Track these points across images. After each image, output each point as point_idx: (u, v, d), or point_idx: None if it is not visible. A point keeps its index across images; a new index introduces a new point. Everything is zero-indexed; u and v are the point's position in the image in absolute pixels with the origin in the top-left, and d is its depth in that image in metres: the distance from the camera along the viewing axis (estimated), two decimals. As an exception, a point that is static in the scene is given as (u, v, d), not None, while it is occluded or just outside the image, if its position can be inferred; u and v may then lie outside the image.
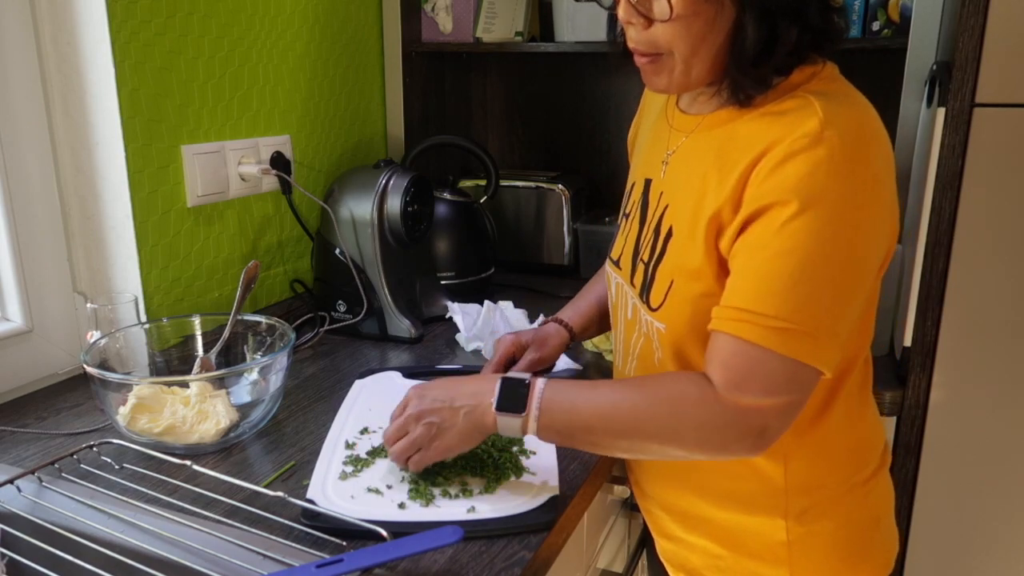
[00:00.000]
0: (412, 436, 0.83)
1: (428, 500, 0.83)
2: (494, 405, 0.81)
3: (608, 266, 0.98)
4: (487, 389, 0.82)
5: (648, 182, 0.91)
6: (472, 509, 0.82)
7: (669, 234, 0.84)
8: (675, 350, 0.85)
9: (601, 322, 1.11)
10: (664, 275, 0.84)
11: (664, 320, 0.84)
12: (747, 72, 0.77)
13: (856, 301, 0.75)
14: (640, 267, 0.88)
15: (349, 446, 0.96)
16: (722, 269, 0.79)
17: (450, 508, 0.83)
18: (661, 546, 0.99)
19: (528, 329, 1.07)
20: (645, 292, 0.86)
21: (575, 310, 1.11)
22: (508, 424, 0.81)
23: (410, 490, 0.85)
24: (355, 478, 0.88)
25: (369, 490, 0.86)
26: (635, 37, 0.79)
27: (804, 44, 0.77)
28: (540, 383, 0.81)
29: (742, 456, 0.77)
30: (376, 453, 0.93)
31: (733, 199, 0.76)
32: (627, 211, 0.95)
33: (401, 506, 0.83)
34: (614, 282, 0.96)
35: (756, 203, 0.74)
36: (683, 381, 0.78)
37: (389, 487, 0.86)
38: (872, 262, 0.76)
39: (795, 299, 0.72)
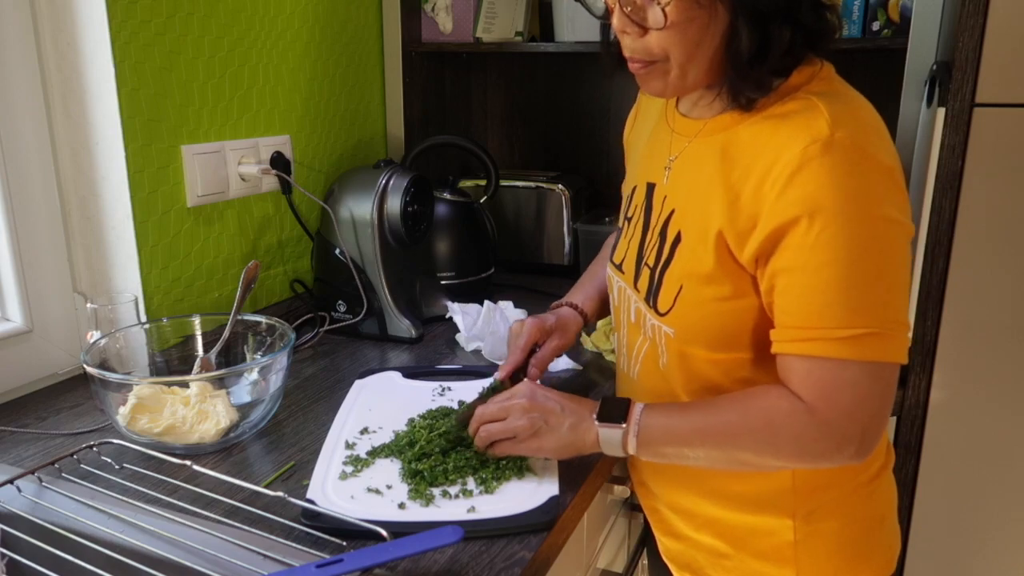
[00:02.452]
0: (512, 424, 0.85)
1: (428, 500, 0.83)
2: (595, 417, 0.83)
3: (610, 269, 0.98)
4: (590, 407, 0.85)
5: (651, 186, 0.91)
6: (472, 509, 0.82)
7: (677, 239, 0.83)
8: (681, 354, 0.85)
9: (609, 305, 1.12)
10: (672, 280, 0.84)
11: (673, 324, 0.84)
12: (744, 75, 0.77)
13: (906, 284, 0.76)
14: (645, 271, 0.88)
15: (349, 446, 0.96)
16: (741, 275, 0.79)
17: (450, 508, 0.83)
18: (665, 545, 0.99)
19: (548, 314, 1.08)
20: (652, 296, 0.86)
21: (585, 294, 1.11)
22: (610, 438, 0.83)
23: (410, 490, 0.85)
24: (355, 478, 0.88)
25: (369, 490, 0.86)
26: (630, 45, 0.79)
27: (799, 44, 0.77)
28: (639, 404, 0.83)
29: (847, 463, 0.77)
30: (376, 453, 0.93)
31: (749, 212, 0.76)
32: (629, 215, 0.95)
33: (401, 506, 0.83)
34: (616, 286, 0.96)
35: (780, 217, 0.73)
36: (773, 395, 0.78)
37: (389, 487, 0.86)
38: (907, 246, 0.77)
39: (851, 305, 0.73)
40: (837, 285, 0.72)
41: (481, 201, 1.59)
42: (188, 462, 0.88)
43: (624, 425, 0.82)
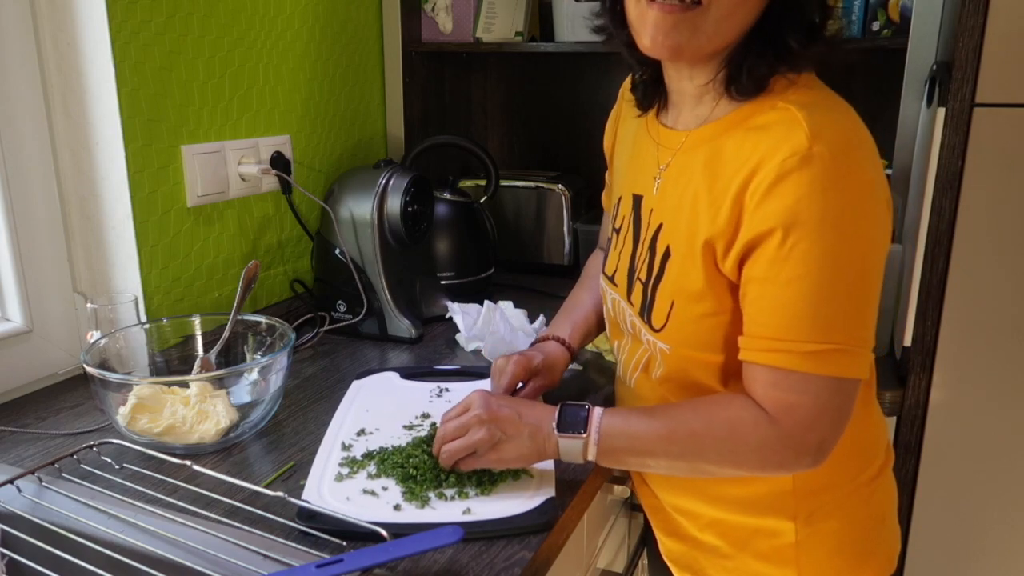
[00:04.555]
0: (472, 439, 0.83)
1: (424, 502, 0.83)
2: (555, 427, 0.82)
3: (603, 281, 0.98)
4: (549, 415, 0.84)
5: (637, 198, 0.90)
6: (468, 511, 0.82)
7: (667, 254, 0.83)
8: (677, 367, 0.85)
9: (597, 330, 1.10)
10: (665, 296, 0.84)
11: (668, 341, 0.84)
12: (803, 39, 0.75)
13: (875, 302, 0.77)
14: (638, 286, 0.88)
15: (345, 447, 0.96)
16: (726, 289, 0.79)
17: (446, 510, 0.82)
18: (667, 546, 0.99)
19: (535, 351, 1.04)
20: (646, 312, 0.86)
21: (572, 325, 1.08)
22: (569, 448, 0.82)
23: (404, 492, 0.85)
24: (351, 479, 0.88)
25: (365, 492, 0.86)
26: None
27: (808, 41, 0.77)
28: (598, 410, 0.83)
29: (803, 471, 0.78)
30: (372, 455, 0.93)
31: (729, 223, 0.76)
32: (617, 226, 0.95)
33: (396, 507, 0.83)
34: (610, 297, 0.96)
35: (756, 229, 0.74)
36: (736, 405, 0.78)
37: (385, 489, 0.86)
38: (882, 263, 0.77)
39: (820, 320, 0.73)
40: (807, 300, 0.73)
41: (481, 201, 1.59)
42: (188, 462, 0.88)
43: (584, 435, 0.81)
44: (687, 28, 0.74)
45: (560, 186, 1.71)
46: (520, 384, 1.01)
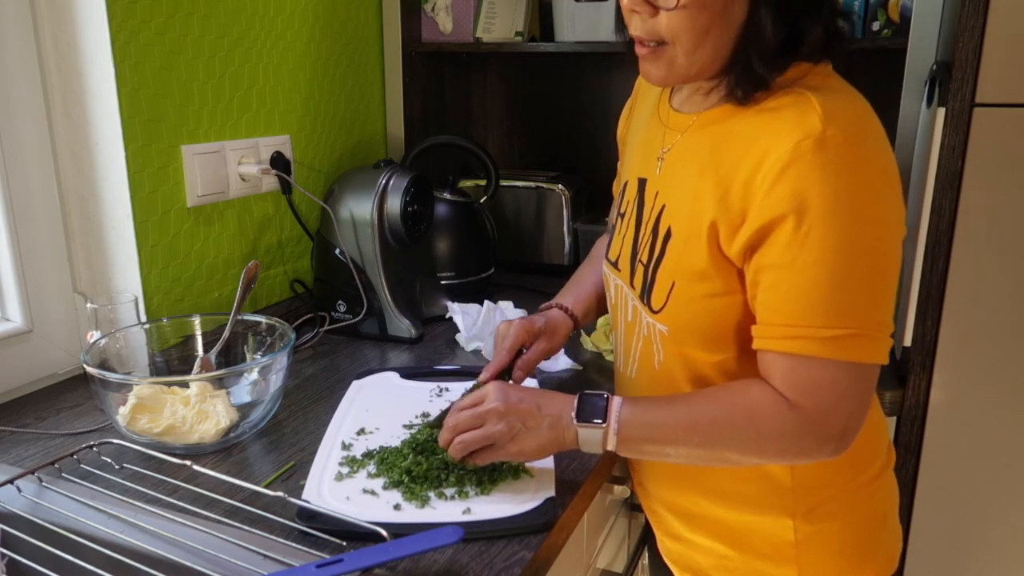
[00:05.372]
0: (489, 430, 0.82)
1: (423, 502, 0.83)
2: (574, 416, 0.81)
3: (606, 267, 0.98)
4: (568, 404, 0.83)
5: (642, 182, 0.90)
6: (468, 511, 0.82)
7: (668, 235, 0.83)
8: (678, 352, 0.85)
9: (599, 308, 1.10)
10: (665, 277, 0.83)
11: (667, 322, 0.84)
12: (769, 63, 0.76)
13: (892, 286, 0.76)
14: (640, 269, 0.88)
15: (345, 447, 0.96)
16: (730, 271, 0.79)
17: (445, 509, 0.82)
18: (666, 546, 0.99)
19: (537, 315, 1.04)
20: (646, 294, 0.86)
21: (575, 296, 1.09)
22: (589, 437, 0.81)
23: (404, 492, 0.85)
24: (351, 479, 0.88)
25: (365, 491, 0.86)
26: (639, 26, 0.78)
27: (821, 44, 0.77)
28: (618, 399, 0.82)
29: (825, 459, 0.78)
30: (371, 455, 0.93)
31: (739, 205, 0.76)
32: (622, 211, 0.95)
33: (396, 507, 0.83)
34: (613, 284, 0.96)
35: (769, 214, 0.73)
36: (756, 392, 0.77)
37: (385, 488, 0.86)
38: (898, 248, 0.76)
39: (837, 306, 0.73)
40: (824, 285, 0.72)
41: (481, 201, 1.60)
42: (188, 462, 0.88)
43: (604, 424, 0.80)
44: (664, 64, 0.79)
45: (560, 186, 1.71)
46: (523, 348, 1.00)
